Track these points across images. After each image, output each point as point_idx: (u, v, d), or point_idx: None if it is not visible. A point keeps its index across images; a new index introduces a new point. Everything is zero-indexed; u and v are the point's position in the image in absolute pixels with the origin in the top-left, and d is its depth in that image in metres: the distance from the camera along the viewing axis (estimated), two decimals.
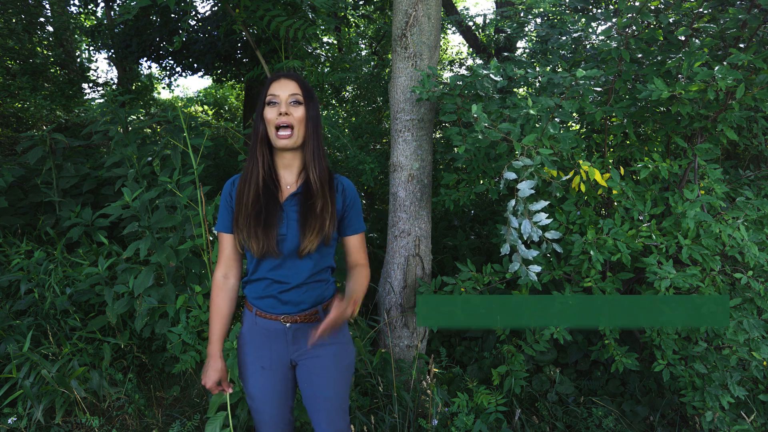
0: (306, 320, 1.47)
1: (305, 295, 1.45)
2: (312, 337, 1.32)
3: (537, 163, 1.76)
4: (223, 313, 1.50)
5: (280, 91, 1.38)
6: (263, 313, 1.47)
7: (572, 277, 2.26)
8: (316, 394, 1.53)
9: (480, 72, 2.10)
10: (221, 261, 1.49)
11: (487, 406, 2.23)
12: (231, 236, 1.47)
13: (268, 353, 1.49)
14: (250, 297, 1.50)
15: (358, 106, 5.24)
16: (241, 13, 3.15)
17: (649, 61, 2.28)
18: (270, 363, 1.50)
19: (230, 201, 1.46)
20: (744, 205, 2.08)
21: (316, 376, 1.52)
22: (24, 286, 2.66)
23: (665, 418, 2.52)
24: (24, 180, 3.72)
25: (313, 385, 1.52)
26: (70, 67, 7.66)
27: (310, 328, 1.48)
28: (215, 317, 1.50)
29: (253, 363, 1.51)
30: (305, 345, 1.49)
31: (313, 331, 1.32)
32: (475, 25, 5.80)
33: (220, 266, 1.50)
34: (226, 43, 5.34)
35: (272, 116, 1.37)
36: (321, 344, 1.49)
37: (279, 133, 1.37)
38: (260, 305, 1.47)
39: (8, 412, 2.28)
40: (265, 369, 1.50)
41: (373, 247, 3.58)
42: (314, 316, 1.48)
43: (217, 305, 1.49)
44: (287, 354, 1.50)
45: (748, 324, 1.97)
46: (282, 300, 1.44)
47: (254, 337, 1.50)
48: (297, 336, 1.48)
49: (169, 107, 3.42)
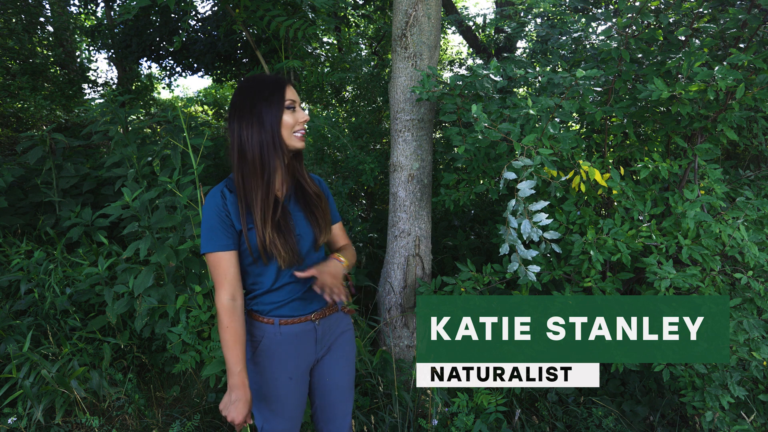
0: (330, 312, 1.54)
1: None
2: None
3: (537, 163, 1.76)
4: (241, 337, 1.36)
5: (295, 96, 1.40)
6: (290, 320, 1.44)
7: (572, 277, 2.26)
8: (340, 386, 1.59)
9: (480, 72, 2.10)
10: (225, 283, 1.35)
11: (487, 406, 2.23)
12: (232, 253, 1.36)
13: (294, 362, 1.47)
14: (268, 309, 1.44)
15: (358, 106, 5.23)
16: (241, 13, 3.15)
17: (649, 61, 2.28)
18: (296, 371, 1.48)
19: (225, 214, 1.35)
20: (744, 205, 2.08)
21: (339, 368, 1.58)
22: (24, 286, 2.66)
23: (665, 418, 2.52)
24: (24, 180, 3.72)
25: (338, 376, 1.58)
26: (70, 67, 7.66)
27: (333, 319, 1.55)
28: (236, 344, 1.34)
29: (281, 376, 1.46)
30: (329, 339, 1.55)
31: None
32: (475, 25, 5.80)
33: (225, 288, 1.35)
34: (226, 43, 5.34)
35: (293, 121, 1.37)
36: (340, 332, 1.58)
37: (297, 134, 1.39)
38: (285, 312, 1.44)
39: (8, 412, 2.28)
40: (292, 379, 1.47)
41: (373, 247, 3.58)
42: (334, 306, 1.55)
43: (235, 330, 1.35)
44: (314, 355, 1.52)
45: (748, 324, 1.97)
46: (308, 299, 1.47)
47: (279, 349, 1.45)
48: (324, 331, 1.52)
49: (169, 107, 3.42)
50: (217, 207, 1.35)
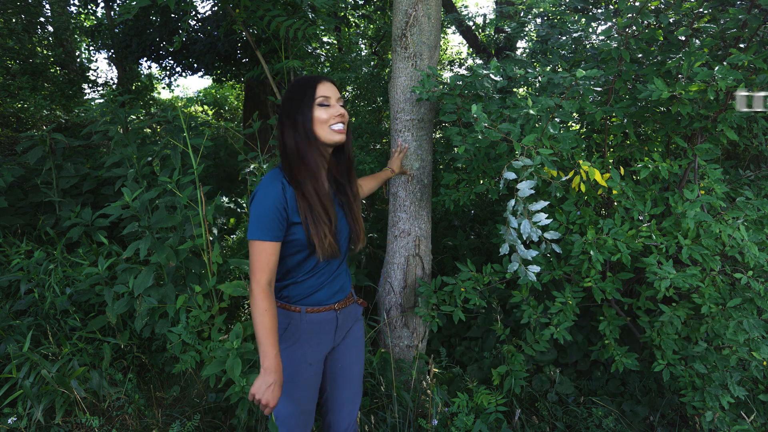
0: (349, 303, 1.62)
1: (347, 277, 1.63)
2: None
3: (537, 163, 1.76)
4: (276, 322, 1.39)
5: (329, 92, 1.44)
6: (316, 308, 1.51)
7: (572, 277, 2.26)
8: (352, 373, 1.67)
9: (480, 72, 2.10)
10: (267, 269, 1.37)
11: (487, 406, 2.23)
12: (278, 244, 1.39)
13: (315, 348, 1.54)
14: (297, 297, 1.50)
15: (358, 106, 5.23)
16: (241, 13, 3.15)
17: (649, 61, 2.28)
18: (315, 357, 1.54)
19: (284, 206, 1.37)
20: (744, 205, 2.08)
21: (352, 356, 1.66)
22: (24, 286, 2.66)
23: (665, 418, 2.51)
24: (24, 180, 3.72)
25: (350, 363, 1.66)
26: (70, 67, 7.66)
27: (350, 309, 1.63)
28: (272, 328, 1.36)
29: (303, 362, 1.52)
30: (346, 327, 1.63)
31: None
32: (475, 25, 5.80)
33: (265, 274, 1.37)
34: (226, 43, 5.34)
35: (327, 116, 1.42)
36: (354, 321, 1.68)
37: (334, 128, 1.43)
38: (312, 300, 1.51)
39: (8, 412, 2.28)
40: (312, 365, 1.53)
41: (373, 247, 3.58)
42: (352, 298, 1.64)
43: (273, 314, 1.37)
44: (332, 342, 1.59)
45: (748, 324, 1.96)
46: (333, 289, 1.54)
47: (300, 337, 1.51)
48: (344, 319, 1.60)
49: (169, 107, 3.42)
50: (277, 196, 1.37)
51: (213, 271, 2.45)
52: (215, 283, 2.44)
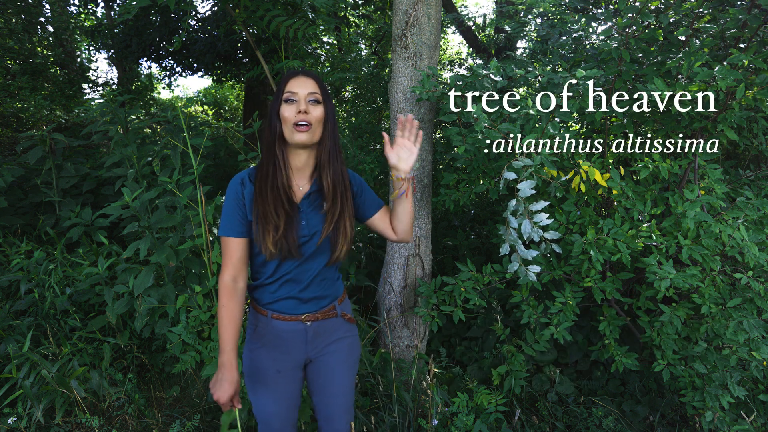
0: (325, 317, 1.49)
1: (325, 290, 1.48)
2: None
3: (537, 163, 1.76)
4: (237, 318, 1.37)
5: (298, 88, 1.35)
6: (281, 316, 1.44)
7: (572, 277, 2.26)
8: (333, 389, 1.54)
9: (480, 72, 2.10)
10: (229, 264, 1.38)
11: (487, 406, 2.23)
12: (242, 240, 1.39)
13: (283, 356, 1.47)
14: (263, 301, 1.46)
15: (358, 106, 5.24)
16: (241, 13, 3.15)
17: (649, 61, 2.28)
18: (285, 365, 1.47)
19: (242, 202, 1.38)
20: (744, 205, 2.08)
21: (331, 370, 1.53)
22: (24, 286, 2.66)
23: (665, 418, 2.51)
24: (24, 180, 3.72)
25: (330, 379, 1.54)
26: (70, 67, 7.66)
27: (328, 324, 1.50)
28: (229, 324, 1.35)
29: (269, 368, 1.47)
30: (323, 342, 1.51)
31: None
32: (475, 25, 5.80)
33: (228, 270, 1.38)
34: (226, 43, 5.34)
35: (290, 114, 1.34)
36: (337, 338, 1.53)
37: (297, 128, 1.33)
38: (278, 308, 1.44)
39: (8, 412, 2.27)
40: (281, 372, 1.47)
41: (373, 247, 3.58)
42: (332, 312, 1.51)
43: (231, 310, 1.36)
44: (304, 353, 1.50)
45: (748, 324, 1.96)
46: (303, 299, 1.45)
47: (269, 341, 1.46)
48: (317, 333, 1.49)
49: (169, 107, 3.42)
50: (235, 194, 1.38)
51: (213, 271, 2.45)
52: (215, 283, 2.44)
